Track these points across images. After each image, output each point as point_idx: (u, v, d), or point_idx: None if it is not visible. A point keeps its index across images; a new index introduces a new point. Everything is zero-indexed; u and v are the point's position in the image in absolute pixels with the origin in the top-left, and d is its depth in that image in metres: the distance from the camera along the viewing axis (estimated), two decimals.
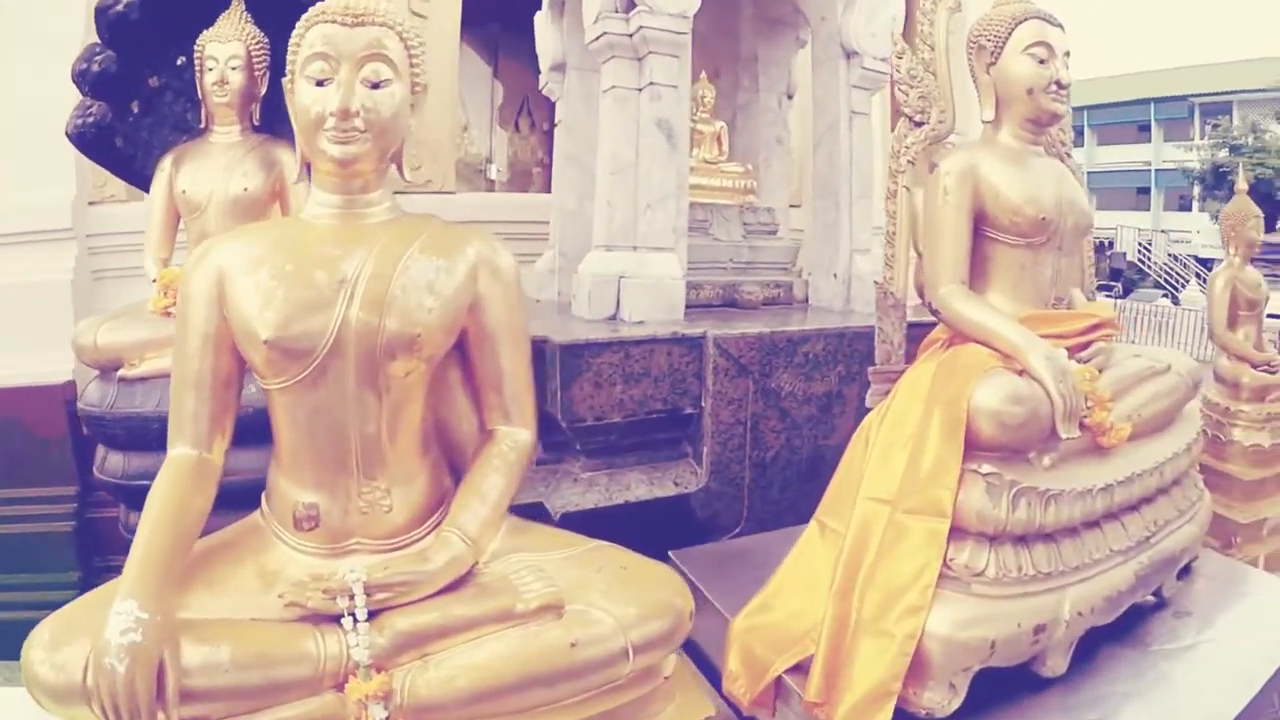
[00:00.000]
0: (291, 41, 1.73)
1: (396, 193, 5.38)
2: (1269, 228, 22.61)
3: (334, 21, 1.67)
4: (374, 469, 1.70)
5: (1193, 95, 32.33)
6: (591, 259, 3.38)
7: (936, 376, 2.12)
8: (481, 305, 1.78)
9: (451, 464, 1.91)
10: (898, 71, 2.49)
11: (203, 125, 3.15)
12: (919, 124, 2.50)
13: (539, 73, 4.39)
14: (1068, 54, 2.44)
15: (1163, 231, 31.40)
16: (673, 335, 2.97)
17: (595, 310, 3.26)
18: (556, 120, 4.35)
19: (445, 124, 5.17)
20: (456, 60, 5.24)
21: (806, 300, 4.03)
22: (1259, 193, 24.30)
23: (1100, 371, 2.31)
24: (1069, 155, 2.85)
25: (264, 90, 3.12)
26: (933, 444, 1.95)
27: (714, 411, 2.99)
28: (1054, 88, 2.38)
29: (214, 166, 3.05)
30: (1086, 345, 2.36)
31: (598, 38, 3.43)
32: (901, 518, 1.91)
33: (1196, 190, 27.81)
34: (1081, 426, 2.07)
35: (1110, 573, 2.07)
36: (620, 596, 1.63)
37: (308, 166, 1.80)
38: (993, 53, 2.46)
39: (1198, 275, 25.39)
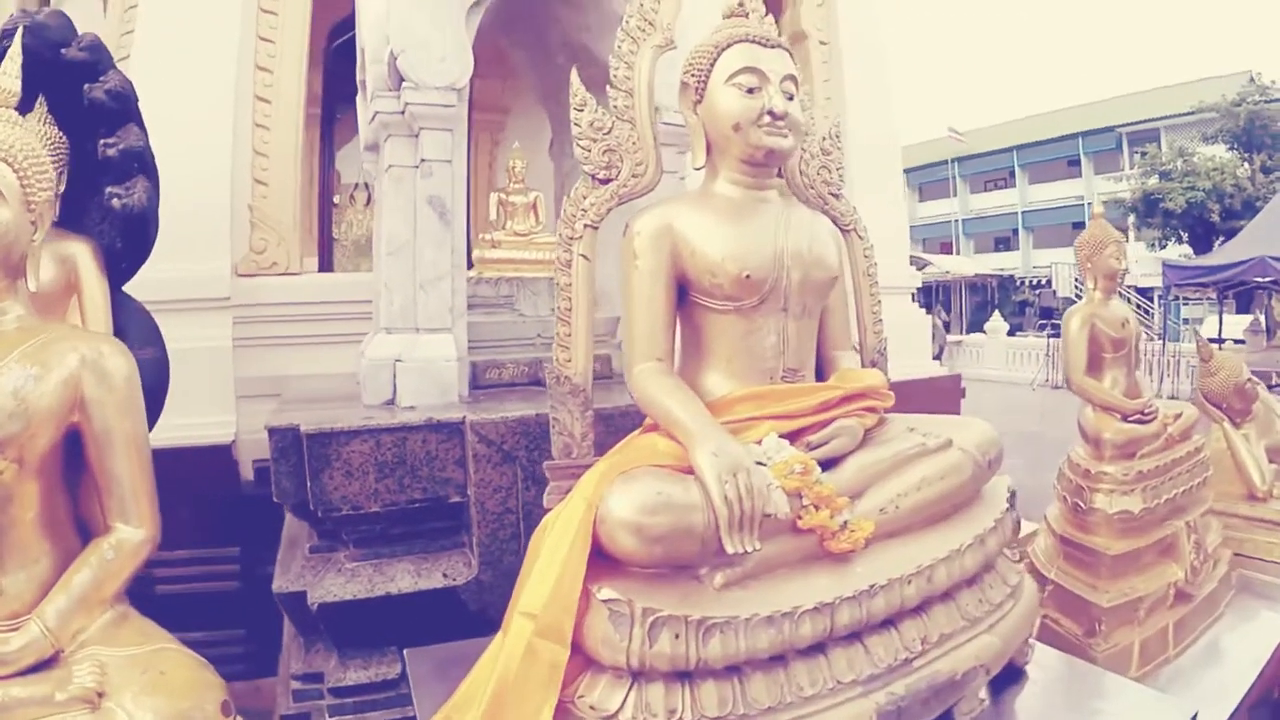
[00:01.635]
0: None
1: (243, 275, 5.17)
2: (1204, 248, 22.76)
3: None
4: None
5: (1119, 125, 32.55)
6: (374, 342, 3.17)
7: (605, 474, 1.76)
8: (87, 410, 1.83)
9: None
10: (577, 126, 2.17)
11: None
12: (604, 181, 2.16)
13: None
14: (790, 78, 2.11)
15: None
16: (426, 422, 2.71)
17: (372, 395, 3.03)
18: (373, 200, 4.22)
19: (289, 208, 4.97)
20: (300, 147, 5.09)
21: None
22: (1191, 215, 24.47)
23: (845, 456, 1.96)
24: (836, 196, 2.53)
25: (61, 188, 2.98)
26: (574, 555, 1.62)
27: (479, 501, 2.70)
28: (767, 119, 2.05)
29: None
30: (827, 423, 2.01)
31: (373, 117, 3.28)
32: (534, 640, 1.58)
33: (1131, 220, 27.50)
34: (796, 529, 1.75)
35: (833, 711, 1.67)
36: (147, 703, 1.67)
37: None
38: (697, 89, 2.17)
39: (1137, 306, 25.47)
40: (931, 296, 31.20)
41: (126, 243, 3.05)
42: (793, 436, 1.94)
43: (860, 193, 6.50)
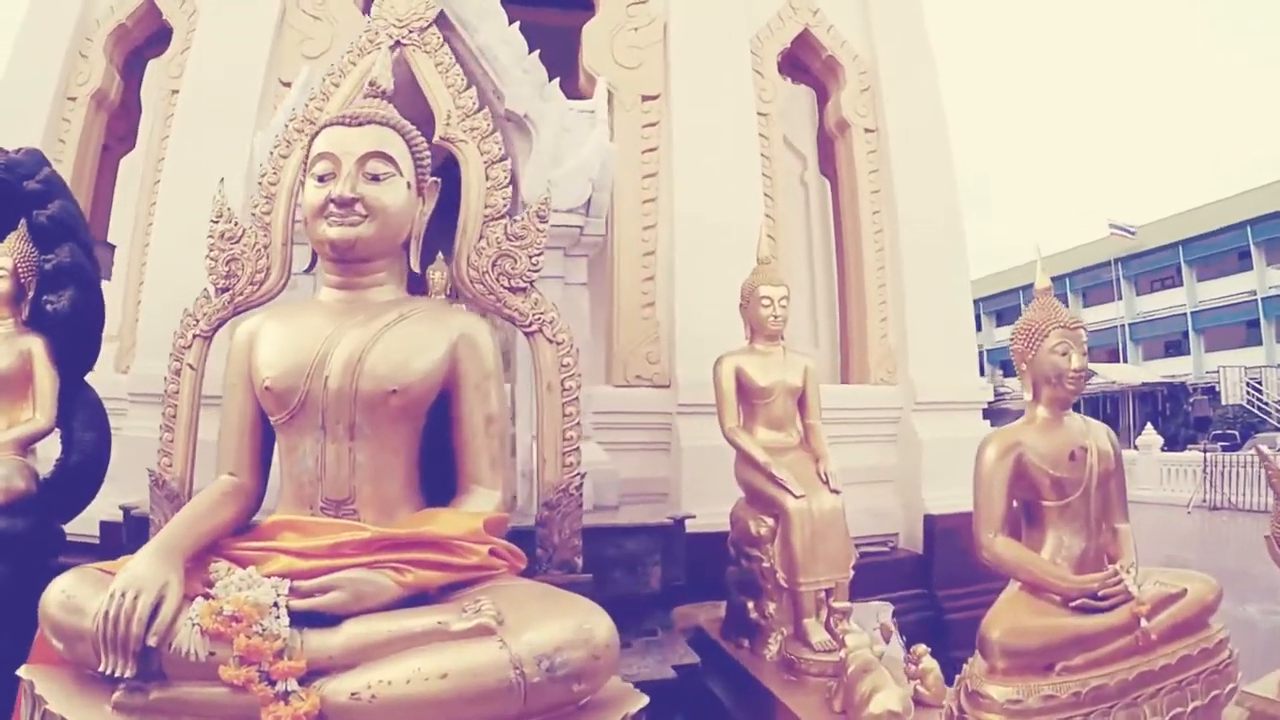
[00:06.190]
0: None
1: None
2: None
3: None
4: None
5: None
6: None
7: None
8: None
9: None
10: (210, 237, 2.09)
11: None
12: (224, 290, 2.07)
13: None
14: (376, 155, 1.84)
15: (1276, 366, 27.65)
16: None
17: None
18: None
19: None
20: None
21: None
22: None
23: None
24: (516, 291, 2.15)
25: (31, 295, 3.49)
26: None
27: None
28: (331, 208, 1.81)
29: None
30: (337, 569, 1.65)
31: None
32: None
33: None
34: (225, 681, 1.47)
35: None
36: None
37: None
38: (303, 186, 2.02)
39: None
40: (1098, 408, 28.94)
41: (75, 343, 3.49)
42: (305, 577, 1.67)
43: (911, 296, 5.98)
